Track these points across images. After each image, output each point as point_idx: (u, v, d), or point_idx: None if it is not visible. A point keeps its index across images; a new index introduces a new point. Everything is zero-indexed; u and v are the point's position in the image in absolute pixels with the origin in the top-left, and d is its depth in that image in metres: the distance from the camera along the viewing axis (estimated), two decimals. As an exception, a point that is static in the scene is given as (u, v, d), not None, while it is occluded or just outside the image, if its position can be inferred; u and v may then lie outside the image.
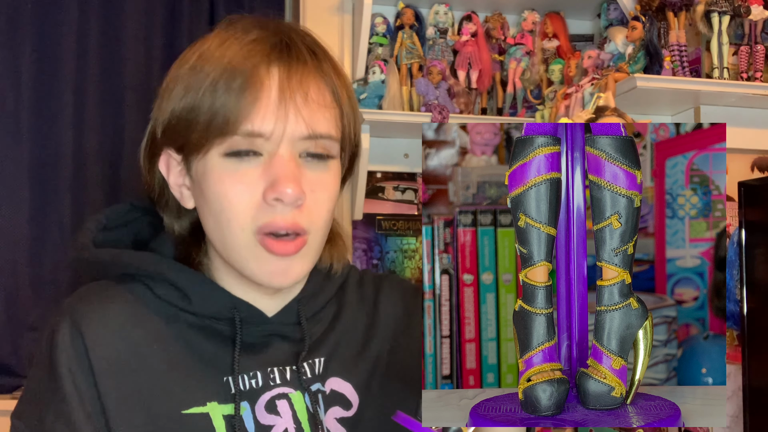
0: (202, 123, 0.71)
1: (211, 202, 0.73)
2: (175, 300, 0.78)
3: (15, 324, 2.20)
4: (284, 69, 0.72)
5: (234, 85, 0.70)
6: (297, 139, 0.72)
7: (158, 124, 0.76)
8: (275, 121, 0.71)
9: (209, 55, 0.73)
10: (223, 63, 0.71)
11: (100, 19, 2.32)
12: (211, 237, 0.76)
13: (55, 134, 2.26)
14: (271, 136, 0.71)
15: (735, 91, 1.82)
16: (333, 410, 0.81)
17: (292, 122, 0.71)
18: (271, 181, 0.71)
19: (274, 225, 0.71)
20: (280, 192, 0.70)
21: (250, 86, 0.70)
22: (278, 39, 0.73)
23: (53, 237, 2.25)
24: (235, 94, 0.70)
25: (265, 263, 0.73)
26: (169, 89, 0.75)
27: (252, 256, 0.73)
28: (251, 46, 0.72)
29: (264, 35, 0.73)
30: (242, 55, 0.71)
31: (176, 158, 0.77)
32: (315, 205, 0.74)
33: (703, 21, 1.83)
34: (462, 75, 2.08)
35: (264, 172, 0.72)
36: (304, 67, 0.73)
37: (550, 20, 2.14)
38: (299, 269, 0.75)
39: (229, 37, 0.73)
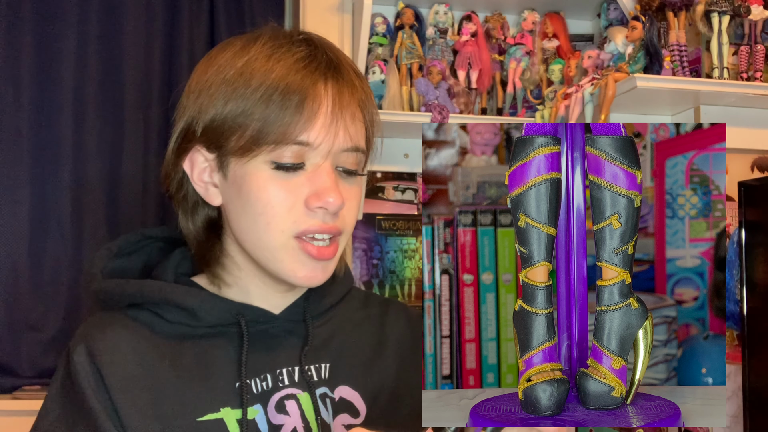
0: (253, 130, 0.75)
1: (251, 204, 0.77)
2: (183, 320, 0.81)
3: (15, 324, 2.20)
4: (336, 87, 0.78)
5: (292, 98, 0.75)
6: (338, 152, 0.78)
7: (198, 123, 0.79)
8: (326, 135, 0.76)
9: (258, 66, 0.77)
10: (276, 75, 0.76)
11: (100, 19, 2.32)
12: (243, 236, 0.80)
13: (55, 134, 2.26)
14: (318, 147, 0.76)
15: (735, 91, 1.82)
16: (341, 417, 0.84)
17: (340, 137, 0.77)
18: (315, 190, 0.77)
19: (317, 230, 0.77)
20: (325, 201, 0.76)
21: (309, 102, 0.75)
22: (327, 58, 0.79)
23: (53, 237, 2.25)
24: (293, 107, 0.75)
25: (303, 265, 0.79)
26: (210, 90, 0.78)
27: (289, 258, 0.78)
28: (305, 63, 0.77)
29: (314, 52, 0.79)
30: (296, 70, 0.76)
31: (207, 156, 0.80)
32: (348, 213, 0.80)
33: (703, 21, 1.83)
34: (462, 75, 2.08)
35: (307, 180, 0.77)
36: (352, 87, 0.80)
37: (550, 20, 2.14)
38: (331, 270, 0.82)
39: (276, 50, 0.78)
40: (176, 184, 0.83)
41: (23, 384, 2.14)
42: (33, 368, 2.16)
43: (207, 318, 0.81)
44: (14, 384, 2.16)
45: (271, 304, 0.85)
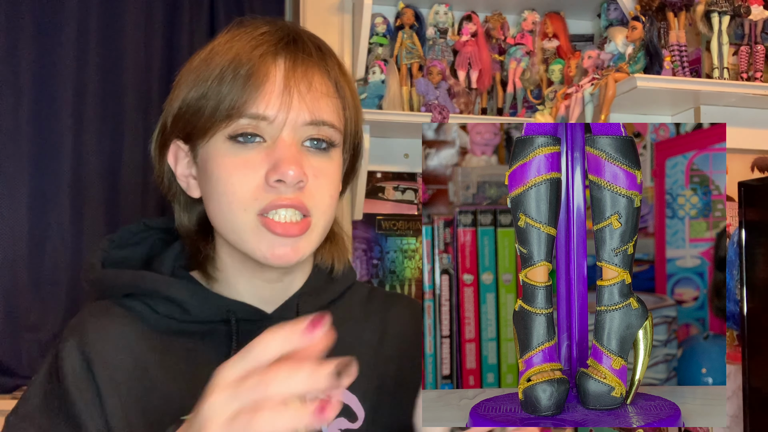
0: (209, 109, 0.75)
1: (214, 186, 0.76)
2: (174, 314, 0.80)
3: (15, 324, 2.20)
4: (290, 59, 0.76)
5: (241, 72, 0.74)
6: (300, 125, 0.75)
7: (168, 115, 0.80)
8: (279, 106, 0.74)
9: (219, 48, 0.77)
10: (231, 54, 0.76)
11: (100, 19, 2.32)
12: (215, 221, 0.79)
13: (55, 134, 2.26)
14: (274, 120, 0.74)
15: (735, 91, 1.82)
16: (338, 421, 0.81)
17: (295, 108, 0.75)
18: (273, 163, 0.74)
19: (277, 203, 0.74)
20: (282, 173, 0.73)
21: (256, 73, 0.74)
22: (285, 33, 0.78)
23: (53, 237, 2.25)
24: (242, 80, 0.74)
25: (269, 243, 0.76)
26: (179, 82, 0.79)
27: (254, 236, 0.76)
28: (260, 38, 0.77)
29: (272, 29, 0.78)
30: (250, 46, 0.76)
31: (183, 148, 0.80)
32: (317, 189, 0.77)
33: (703, 21, 1.83)
34: (462, 75, 2.08)
35: (266, 156, 0.75)
36: (309, 59, 0.77)
37: (550, 20, 2.14)
38: (303, 248, 0.78)
39: (239, 33, 0.78)
40: (167, 182, 0.84)
41: (23, 384, 2.14)
42: (32, 368, 2.16)
43: (197, 313, 0.79)
44: (14, 384, 2.16)
45: (261, 298, 0.82)
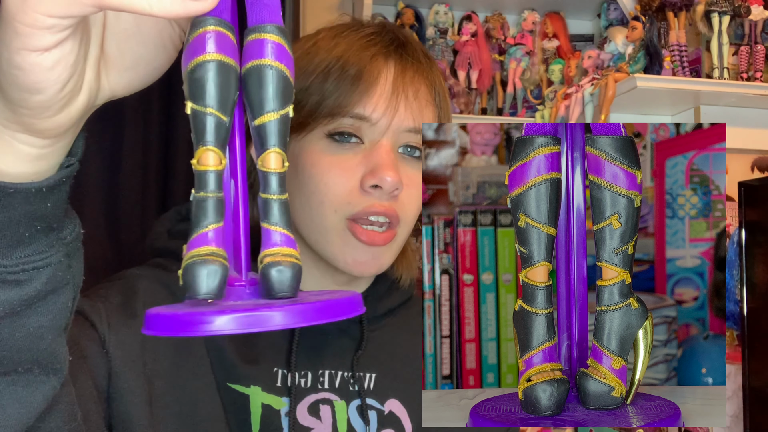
0: (312, 104, 0.72)
1: (305, 182, 0.73)
2: None
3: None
4: (400, 64, 0.74)
5: (350, 71, 0.72)
6: (401, 131, 0.73)
7: None
8: (385, 109, 0.72)
9: (323, 44, 0.76)
10: (338, 52, 0.74)
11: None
12: (298, 218, 0.75)
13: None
14: (377, 123, 0.72)
15: (735, 91, 1.82)
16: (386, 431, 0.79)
17: (401, 113, 0.73)
18: (371, 168, 0.71)
19: (371, 210, 0.72)
20: (380, 178, 0.70)
21: (367, 75, 0.72)
22: (395, 36, 0.77)
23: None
24: (350, 79, 0.72)
25: (353, 249, 0.73)
26: None
27: (340, 240, 0.73)
28: (369, 38, 0.75)
29: (381, 31, 0.77)
30: (359, 46, 0.74)
31: None
32: (408, 199, 0.75)
33: (703, 21, 1.83)
34: (462, 75, 2.08)
35: (363, 158, 0.72)
36: (418, 65, 0.76)
37: (550, 20, 2.14)
38: (385, 259, 0.76)
39: (344, 30, 0.77)
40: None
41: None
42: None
43: None
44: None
45: None
